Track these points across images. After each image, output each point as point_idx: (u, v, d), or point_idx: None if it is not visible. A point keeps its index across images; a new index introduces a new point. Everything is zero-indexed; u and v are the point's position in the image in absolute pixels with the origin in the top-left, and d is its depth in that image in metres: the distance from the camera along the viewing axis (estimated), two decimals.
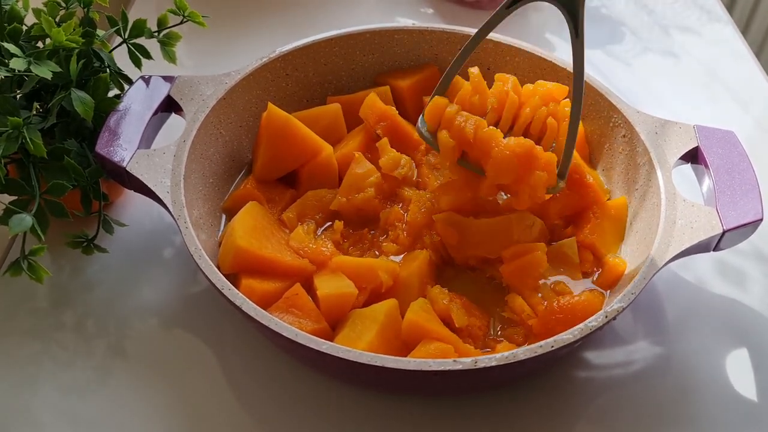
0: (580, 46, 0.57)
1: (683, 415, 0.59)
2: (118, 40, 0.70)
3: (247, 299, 0.54)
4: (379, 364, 0.50)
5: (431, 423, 0.58)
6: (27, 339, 0.63)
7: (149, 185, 0.61)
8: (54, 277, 0.67)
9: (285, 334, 0.52)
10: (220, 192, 0.70)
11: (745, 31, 1.43)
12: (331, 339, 0.57)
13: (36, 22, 0.63)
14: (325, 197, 0.69)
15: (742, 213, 0.58)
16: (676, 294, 0.67)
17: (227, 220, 0.68)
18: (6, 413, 0.59)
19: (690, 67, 0.93)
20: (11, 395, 0.60)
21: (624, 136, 0.68)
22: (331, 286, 0.60)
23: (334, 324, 0.60)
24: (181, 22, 0.70)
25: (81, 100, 0.61)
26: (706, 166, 0.62)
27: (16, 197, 0.60)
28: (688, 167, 0.66)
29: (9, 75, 0.59)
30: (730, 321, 0.66)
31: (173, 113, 0.69)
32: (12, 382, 0.61)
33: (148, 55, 0.70)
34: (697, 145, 0.64)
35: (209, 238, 0.64)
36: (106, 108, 0.65)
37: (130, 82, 0.68)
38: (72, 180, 0.62)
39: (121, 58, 0.70)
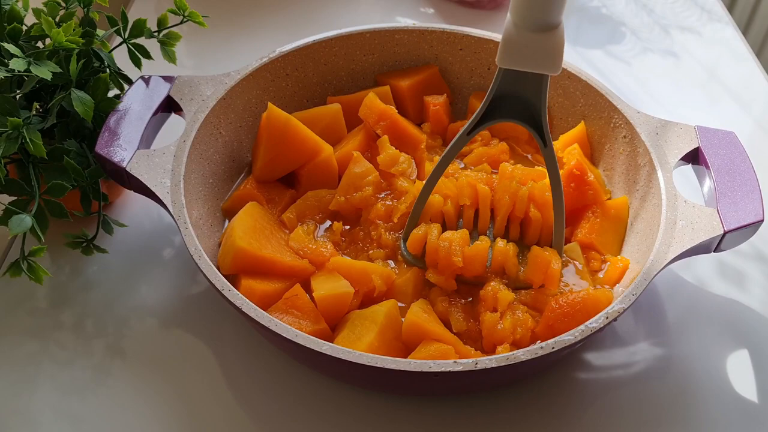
0: (550, 153, 0.58)
1: (684, 416, 0.59)
2: (118, 40, 0.69)
3: (247, 300, 0.54)
4: (379, 365, 0.50)
5: (432, 423, 0.58)
6: (26, 339, 0.63)
7: (149, 185, 0.61)
8: (53, 277, 0.67)
9: (285, 335, 0.52)
10: (220, 192, 0.69)
11: (745, 31, 1.43)
12: (330, 340, 0.57)
13: (36, 22, 0.63)
14: (324, 197, 0.69)
15: (743, 214, 0.58)
16: (676, 295, 0.67)
17: (227, 221, 0.68)
18: (5, 413, 0.59)
19: (690, 68, 0.93)
20: (10, 395, 0.60)
21: (625, 137, 0.68)
22: (327, 287, 0.60)
23: (333, 325, 0.60)
24: (181, 22, 0.70)
25: (81, 101, 0.61)
26: (707, 166, 0.62)
27: (16, 197, 0.60)
28: (688, 168, 0.66)
29: (9, 75, 0.59)
30: (730, 322, 0.66)
31: (173, 113, 0.69)
32: (11, 381, 0.60)
33: (148, 55, 0.70)
34: (697, 145, 0.64)
35: (209, 239, 0.64)
36: (105, 108, 0.65)
37: (130, 82, 0.68)
38: (72, 180, 0.61)
39: (120, 58, 0.70)
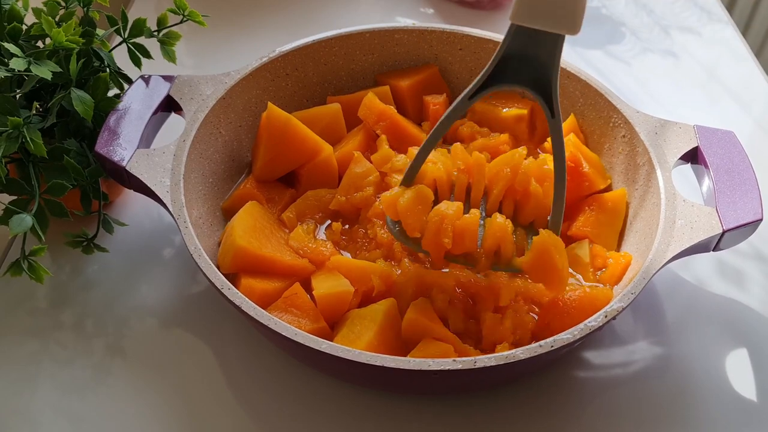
0: (557, 125, 0.56)
1: (682, 415, 0.59)
2: (118, 39, 0.70)
3: (247, 299, 0.54)
4: (378, 363, 0.50)
5: (432, 422, 0.58)
6: (26, 338, 0.63)
7: (149, 185, 0.61)
8: (54, 277, 0.67)
9: (284, 334, 0.52)
10: (219, 192, 0.70)
11: (745, 31, 1.43)
12: (330, 339, 0.57)
13: (36, 21, 0.63)
14: (324, 197, 0.69)
15: (742, 213, 0.58)
16: (675, 294, 0.67)
17: (227, 220, 0.68)
18: (5, 412, 0.59)
19: (690, 68, 0.93)
20: (10, 394, 0.60)
21: (624, 137, 0.68)
22: (327, 286, 0.60)
23: (332, 323, 0.60)
24: (181, 22, 0.70)
25: (81, 100, 0.61)
26: (706, 166, 0.62)
27: (16, 197, 0.60)
28: (687, 167, 0.66)
29: (9, 75, 0.59)
30: (729, 321, 0.66)
31: (173, 113, 0.69)
32: (11, 381, 0.61)
33: (147, 55, 0.70)
34: (696, 145, 0.64)
35: (209, 238, 0.64)
36: (105, 107, 0.65)
37: (130, 82, 0.68)
38: (72, 180, 0.62)
39: (120, 58, 0.70)
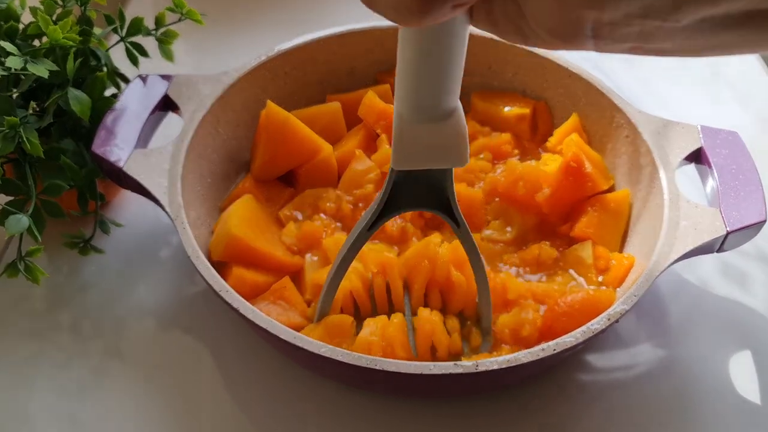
0: (465, 233, 0.55)
1: (686, 418, 0.59)
2: (116, 38, 0.69)
3: (245, 301, 0.54)
4: (378, 367, 0.50)
5: (432, 425, 0.58)
6: (23, 340, 0.63)
7: (146, 185, 0.60)
8: (50, 278, 0.67)
9: (282, 337, 0.51)
10: (217, 192, 0.69)
11: None
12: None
13: (32, 20, 0.63)
14: (323, 196, 0.68)
15: (746, 214, 0.57)
16: (679, 296, 0.67)
17: None
18: (2, 414, 0.58)
19: (694, 67, 0.92)
20: (7, 396, 0.59)
21: (627, 137, 0.68)
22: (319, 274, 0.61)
23: None
24: (179, 20, 0.69)
25: (78, 99, 0.61)
26: (710, 166, 0.62)
27: (13, 197, 0.60)
28: (691, 168, 0.65)
29: (5, 74, 0.58)
30: (733, 323, 0.65)
31: (171, 112, 0.68)
32: (8, 383, 0.60)
33: (145, 54, 0.70)
34: (700, 145, 0.63)
35: (207, 239, 0.64)
36: (103, 107, 0.64)
37: (128, 81, 0.68)
38: (68, 180, 0.61)
39: (118, 57, 0.69)
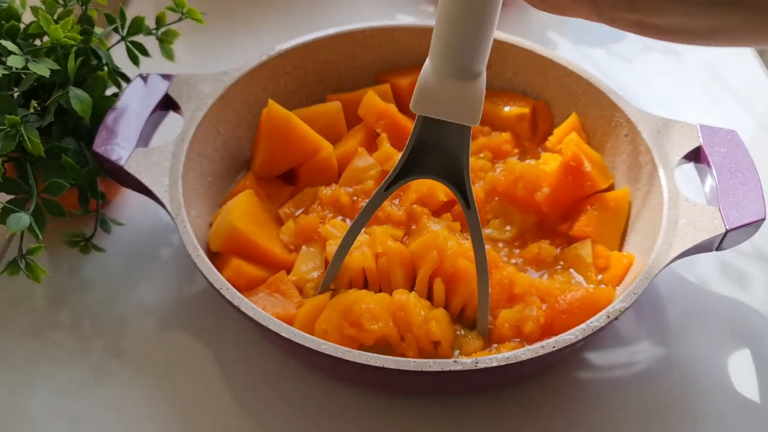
0: (473, 217, 0.55)
1: (685, 416, 0.59)
2: (116, 37, 0.69)
3: (245, 299, 0.54)
4: (378, 364, 0.50)
5: (432, 422, 0.58)
6: (24, 338, 0.63)
7: (147, 184, 0.61)
8: (51, 276, 0.67)
9: (283, 334, 0.52)
10: (218, 191, 0.69)
11: None
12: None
13: (34, 19, 0.63)
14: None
15: (745, 213, 0.58)
16: (678, 294, 0.67)
17: None
18: (2, 413, 0.58)
19: (693, 66, 0.93)
20: (8, 395, 0.59)
21: (626, 135, 0.68)
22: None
23: None
24: (180, 20, 0.69)
25: (79, 99, 0.61)
26: (709, 165, 0.62)
27: (14, 196, 0.60)
28: (690, 166, 0.65)
29: (7, 73, 0.58)
30: (732, 321, 0.65)
31: (171, 111, 0.68)
32: (8, 381, 0.60)
33: (146, 53, 0.70)
34: (699, 144, 0.63)
35: (207, 238, 0.64)
36: (104, 106, 0.64)
37: (128, 80, 0.68)
38: (70, 179, 0.61)
39: (119, 56, 0.69)
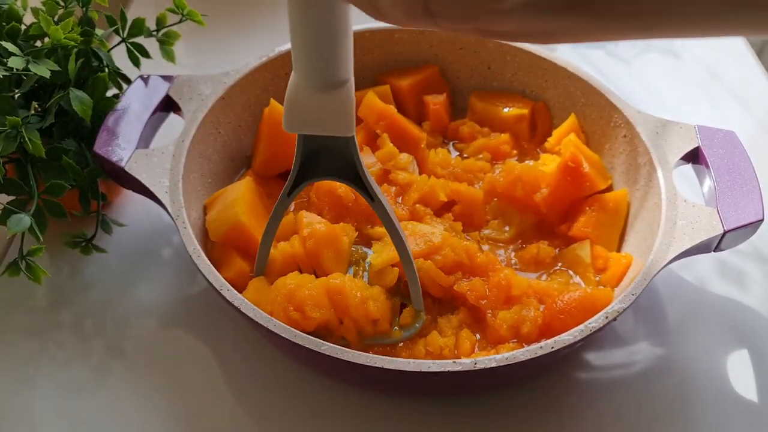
0: (380, 208, 0.55)
1: (684, 416, 0.59)
2: (117, 39, 0.69)
3: (246, 300, 0.54)
4: (378, 365, 0.50)
5: (431, 423, 0.58)
6: (25, 339, 0.63)
7: (147, 185, 0.61)
8: (52, 277, 0.67)
9: (283, 335, 0.52)
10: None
11: None
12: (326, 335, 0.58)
13: (34, 21, 0.63)
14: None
15: (743, 213, 0.58)
16: (676, 295, 0.67)
17: None
18: (4, 413, 0.58)
19: (691, 67, 0.93)
20: (9, 395, 0.60)
21: (625, 137, 0.68)
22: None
23: None
24: (180, 21, 0.69)
25: (79, 100, 0.61)
26: (707, 166, 0.62)
27: (15, 197, 0.60)
28: (689, 167, 0.66)
29: (7, 74, 0.59)
30: (730, 322, 0.65)
31: (172, 113, 0.69)
32: (10, 381, 0.60)
33: (146, 55, 0.70)
34: (698, 145, 0.63)
35: (207, 238, 0.64)
36: (104, 107, 0.64)
37: (129, 82, 0.68)
38: (70, 180, 0.61)
39: (119, 58, 0.69)
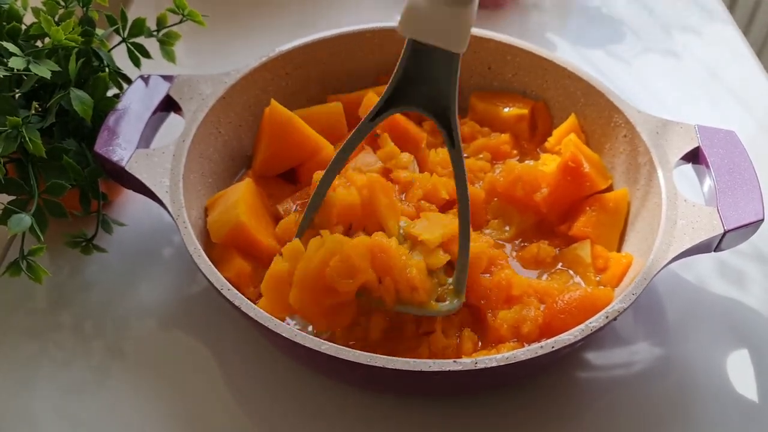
0: (458, 155, 0.55)
1: (684, 416, 0.59)
2: (118, 39, 0.69)
3: (246, 299, 0.54)
4: (378, 364, 0.50)
5: (431, 423, 0.58)
6: (25, 339, 0.63)
7: (148, 185, 0.61)
8: (52, 277, 0.67)
9: (284, 335, 0.52)
10: (219, 191, 0.69)
11: (746, 30, 1.42)
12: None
13: (35, 21, 0.63)
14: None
15: (743, 213, 0.58)
16: (676, 295, 0.67)
17: None
18: (4, 413, 0.58)
19: (691, 67, 0.93)
20: (9, 395, 0.60)
21: (625, 136, 0.68)
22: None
23: None
24: (181, 21, 0.69)
25: (80, 100, 0.61)
26: (707, 166, 0.62)
27: (15, 197, 0.60)
28: (689, 167, 0.66)
29: (8, 74, 0.59)
30: (730, 322, 0.65)
31: (172, 113, 0.69)
32: (10, 382, 0.60)
33: (147, 55, 0.70)
34: (698, 145, 0.63)
35: (208, 238, 0.64)
36: (105, 107, 0.64)
37: (129, 82, 0.68)
38: (71, 179, 0.61)
39: (120, 58, 0.69)
